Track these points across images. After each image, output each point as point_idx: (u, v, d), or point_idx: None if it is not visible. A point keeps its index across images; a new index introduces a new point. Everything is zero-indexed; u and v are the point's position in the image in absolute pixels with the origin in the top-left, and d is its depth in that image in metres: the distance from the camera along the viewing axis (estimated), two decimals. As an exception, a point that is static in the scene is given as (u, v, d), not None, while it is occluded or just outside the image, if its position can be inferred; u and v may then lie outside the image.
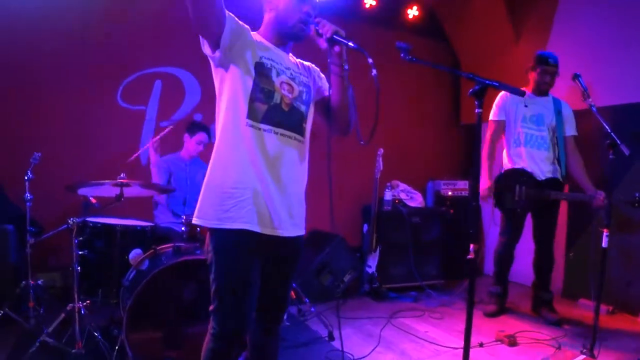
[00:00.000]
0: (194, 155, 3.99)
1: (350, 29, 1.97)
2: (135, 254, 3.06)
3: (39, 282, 3.40)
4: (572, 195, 3.79)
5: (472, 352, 2.07)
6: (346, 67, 1.96)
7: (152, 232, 3.33)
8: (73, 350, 2.80)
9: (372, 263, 4.61)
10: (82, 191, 3.09)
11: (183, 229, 3.20)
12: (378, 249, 4.63)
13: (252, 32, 1.96)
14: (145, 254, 3.02)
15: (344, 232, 4.78)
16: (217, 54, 1.84)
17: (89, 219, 3.12)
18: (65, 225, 2.82)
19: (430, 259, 4.86)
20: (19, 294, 3.36)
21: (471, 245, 2.13)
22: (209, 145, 3.56)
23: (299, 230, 2.00)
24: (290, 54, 2.09)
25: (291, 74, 1.98)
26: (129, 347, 2.53)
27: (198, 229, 3.19)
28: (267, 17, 2.03)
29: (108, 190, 2.98)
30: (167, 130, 3.85)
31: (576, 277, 4.45)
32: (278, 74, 1.92)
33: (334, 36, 1.88)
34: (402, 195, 5.09)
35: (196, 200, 1.95)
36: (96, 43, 4.20)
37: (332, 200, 1.98)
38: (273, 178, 1.87)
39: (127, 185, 2.89)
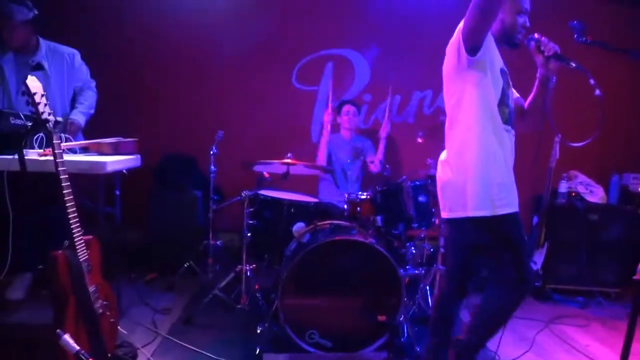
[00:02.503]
0: (353, 129, 4.23)
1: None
2: (298, 227, 3.32)
3: (218, 242, 3.91)
4: None
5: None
6: (554, 79, 2.19)
7: (315, 207, 3.56)
8: (238, 306, 3.26)
9: (538, 259, 4.31)
10: (256, 168, 3.45)
11: (345, 206, 3.38)
12: (545, 245, 4.32)
13: None
14: (307, 227, 3.27)
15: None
16: (479, 56, 2.05)
17: (260, 192, 3.46)
18: (239, 197, 3.19)
19: (607, 263, 4.37)
20: (201, 251, 3.91)
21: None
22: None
23: None
24: None
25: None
26: (282, 312, 2.80)
27: (358, 208, 3.34)
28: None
29: (277, 167, 3.28)
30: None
31: None
32: (507, 81, 2.21)
33: (556, 56, 2.10)
34: (580, 188, 4.63)
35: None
36: (273, 28, 4.60)
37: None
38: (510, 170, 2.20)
39: (293, 164, 3.14)
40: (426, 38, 4.57)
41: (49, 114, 2.24)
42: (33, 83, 2.22)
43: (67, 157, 2.77)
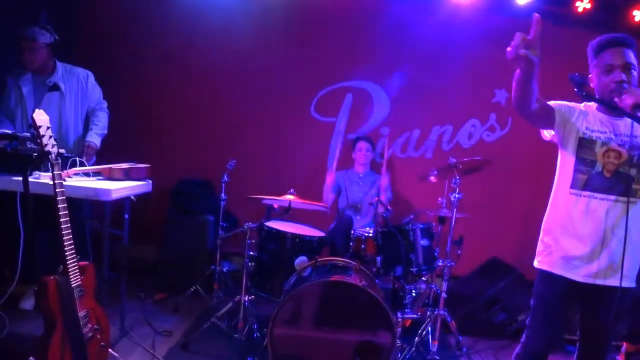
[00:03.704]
0: (366, 165, 4.26)
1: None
2: (300, 261, 3.32)
3: (224, 268, 3.97)
4: None
5: None
6: None
7: (320, 242, 3.56)
8: (235, 335, 3.32)
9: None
10: (265, 201, 3.51)
11: (351, 244, 3.38)
12: (562, 293, 4.15)
13: (584, 108, 2.23)
14: (309, 262, 3.28)
15: (525, 267, 4.40)
16: (554, 136, 2.27)
17: (266, 223, 3.49)
18: (241, 229, 3.24)
19: (625, 316, 4.14)
20: (209, 275, 3.99)
21: (624, 345, 1.80)
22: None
23: (626, 282, 2.14)
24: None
25: (622, 140, 2.14)
26: (272, 346, 2.83)
27: (363, 245, 3.35)
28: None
29: (283, 200, 3.33)
30: None
31: None
32: (603, 144, 2.14)
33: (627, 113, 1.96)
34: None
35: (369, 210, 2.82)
36: (294, 58, 4.68)
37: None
38: (597, 235, 2.14)
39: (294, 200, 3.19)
40: (448, 72, 4.55)
41: (53, 146, 2.37)
42: (40, 117, 2.35)
43: (76, 182, 2.92)
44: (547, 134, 2.31)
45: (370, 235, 3.32)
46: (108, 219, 3.07)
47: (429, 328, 3.50)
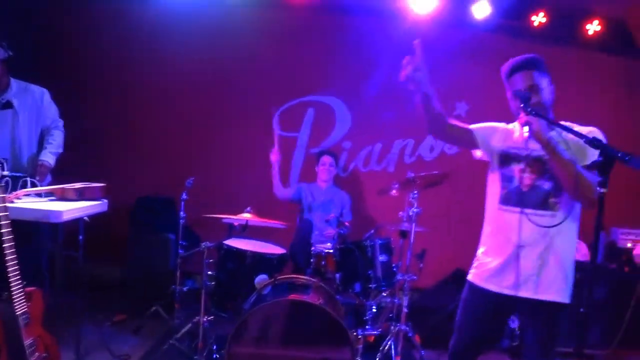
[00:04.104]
0: (329, 180, 4.23)
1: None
2: (260, 279, 3.30)
3: (184, 288, 3.89)
4: None
5: None
6: (554, 143, 2.02)
7: (280, 259, 3.54)
8: (195, 357, 3.23)
9: (516, 317, 4.19)
10: (225, 220, 3.47)
11: (311, 260, 3.36)
12: (525, 303, 4.19)
13: (510, 126, 2.33)
14: (268, 280, 3.25)
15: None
16: (483, 154, 2.38)
17: (225, 242, 3.45)
18: (198, 248, 3.20)
19: (591, 324, 4.22)
20: (170, 294, 3.91)
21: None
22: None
23: (542, 294, 2.16)
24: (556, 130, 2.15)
25: (538, 155, 2.16)
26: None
27: (323, 262, 3.33)
28: None
29: (240, 219, 3.30)
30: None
31: None
32: (521, 160, 2.22)
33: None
34: (562, 246, 4.50)
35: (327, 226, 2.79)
36: (257, 74, 4.70)
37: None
38: (514, 247, 2.18)
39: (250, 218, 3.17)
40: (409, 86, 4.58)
41: (-4, 168, 2.31)
42: (-19, 138, 2.29)
43: (26, 203, 2.84)
44: (479, 152, 2.41)
45: (330, 251, 3.31)
46: (61, 241, 3.01)
47: (391, 343, 3.49)
